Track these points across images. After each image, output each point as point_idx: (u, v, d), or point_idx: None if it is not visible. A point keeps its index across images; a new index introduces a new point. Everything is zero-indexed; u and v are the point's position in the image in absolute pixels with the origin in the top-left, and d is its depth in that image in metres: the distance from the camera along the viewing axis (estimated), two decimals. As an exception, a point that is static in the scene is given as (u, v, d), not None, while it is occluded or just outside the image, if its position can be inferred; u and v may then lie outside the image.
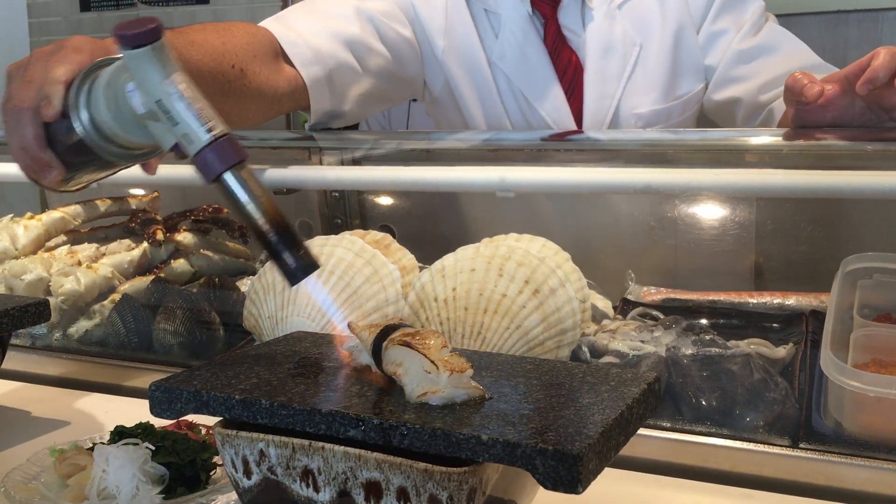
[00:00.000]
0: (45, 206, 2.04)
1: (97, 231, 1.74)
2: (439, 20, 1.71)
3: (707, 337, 1.17)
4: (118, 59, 0.92)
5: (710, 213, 1.49)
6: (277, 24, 1.48)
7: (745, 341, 1.19)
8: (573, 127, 1.71)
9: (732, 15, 1.71)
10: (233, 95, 1.33)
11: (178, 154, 0.87)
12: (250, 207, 0.83)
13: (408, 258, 1.32)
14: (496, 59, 1.71)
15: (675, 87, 1.73)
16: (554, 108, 1.70)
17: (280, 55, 1.46)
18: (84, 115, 0.95)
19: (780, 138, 1.34)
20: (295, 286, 0.86)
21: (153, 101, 0.85)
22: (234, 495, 0.93)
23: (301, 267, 0.84)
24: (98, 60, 0.96)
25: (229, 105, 1.32)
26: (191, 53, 1.25)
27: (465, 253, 1.23)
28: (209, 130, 0.84)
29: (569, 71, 1.71)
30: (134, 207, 1.77)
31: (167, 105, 0.84)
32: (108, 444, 0.99)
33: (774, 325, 1.30)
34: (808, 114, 1.33)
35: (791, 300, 1.37)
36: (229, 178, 0.84)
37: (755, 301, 1.38)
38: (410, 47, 1.69)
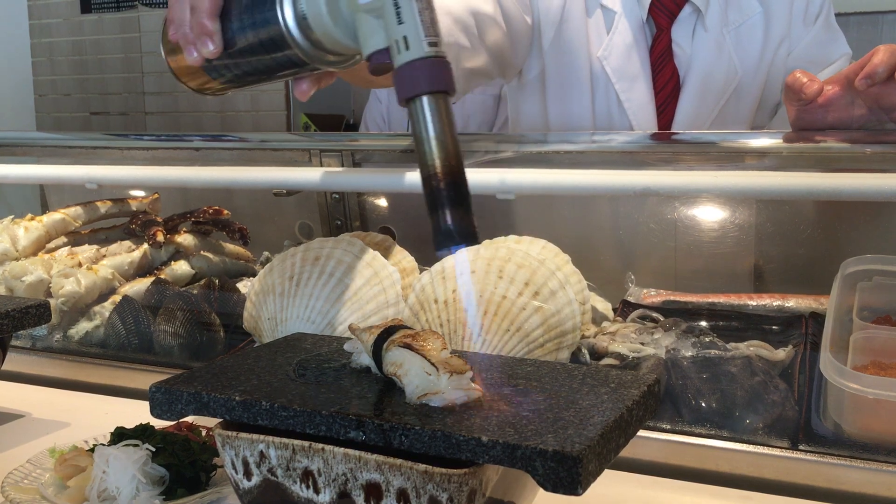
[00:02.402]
0: (45, 208, 2.04)
1: (98, 232, 1.74)
2: (555, 12, 1.73)
3: (707, 339, 1.18)
4: None
5: (709, 215, 1.49)
6: None
7: (745, 343, 1.19)
8: None
9: (818, 56, 1.73)
10: None
11: (374, 66, 0.77)
12: (433, 143, 0.74)
13: (408, 260, 1.32)
14: (602, 55, 1.73)
15: (755, 119, 1.76)
16: (643, 119, 1.72)
17: None
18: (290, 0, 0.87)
19: (780, 140, 1.34)
20: (441, 251, 0.76)
21: None
22: (234, 497, 0.93)
23: (458, 231, 0.74)
24: None
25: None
26: None
27: (465, 255, 1.23)
28: (431, 44, 0.74)
29: (667, 88, 1.73)
30: (134, 209, 1.77)
31: None
32: (108, 445, 1.00)
33: (774, 327, 1.30)
34: (808, 114, 1.34)
35: (791, 302, 1.37)
36: (426, 102, 0.74)
37: (755, 303, 1.38)
38: (527, 34, 1.72)
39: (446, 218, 0.74)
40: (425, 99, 0.75)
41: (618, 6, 1.72)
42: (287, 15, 0.88)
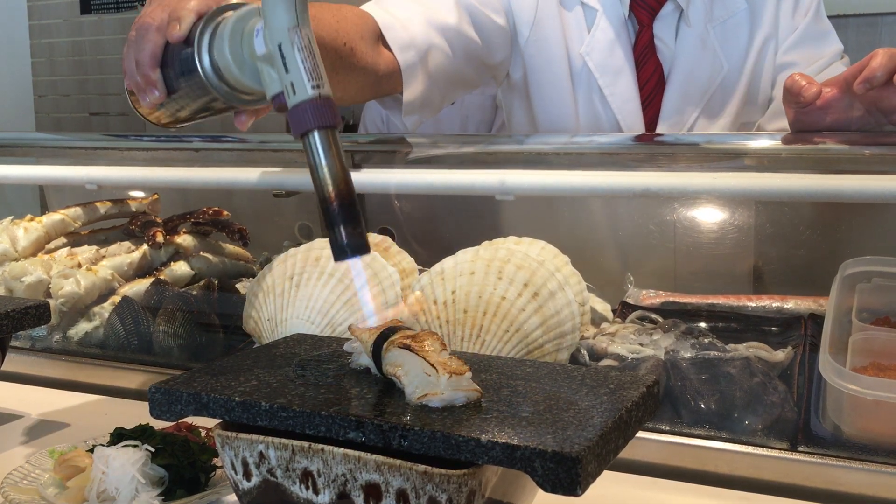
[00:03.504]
0: (45, 208, 2.04)
1: (97, 233, 1.74)
2: (528, 11, 1.73)
3: (706, 340, 1.18)
4: (244, 4, 1.01)
5: (709, 216, 1.49)
6: (378, 9, 1.52)
7: (744, 345, 1.19)
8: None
9: (808, 49, 1.73)
10: (342, 71, 1.38)
11: (277, 106, 0.90)
12: (324, 171, 0.85)
13: (407, 261, 1.32)
14: (584, 51, 1.72)
15: (742, 114, 1.75)
16: (628, 113, 1.72)
17: (380, 38, 1.48)
18: (205, 48, 1.01)
19: (779, 142, 1.35)
20: (339, 262, 0.86)
21: (275, 44, 0.87)
22: (233, 497, 0.93)
23: (351, 245, 0.84)
24: (227, 4, 1.04)
25: (337, 80, 1.37)
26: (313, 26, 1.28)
27: (464, 256, 1.23)
28: (315, 87, 0.86)
29: (651, 82, 1.72)
30: (134, 210, 1.77)
31: (286, 51, 0.87)
32: (107, 445, 1.00)
33: (773, 328, 1.30)
34: (807, 116, 1.34)
35: (790, 304, 1.37)
36: (317, 136, 0.86)
37: (754, 304, 1.38)
38: (502, 35, 1.71)
39: (341, 234, 0.84)
40: (315, 134, 0.86)
41: (598, 4, 1.72)
42: (204, 64, 1.03)
